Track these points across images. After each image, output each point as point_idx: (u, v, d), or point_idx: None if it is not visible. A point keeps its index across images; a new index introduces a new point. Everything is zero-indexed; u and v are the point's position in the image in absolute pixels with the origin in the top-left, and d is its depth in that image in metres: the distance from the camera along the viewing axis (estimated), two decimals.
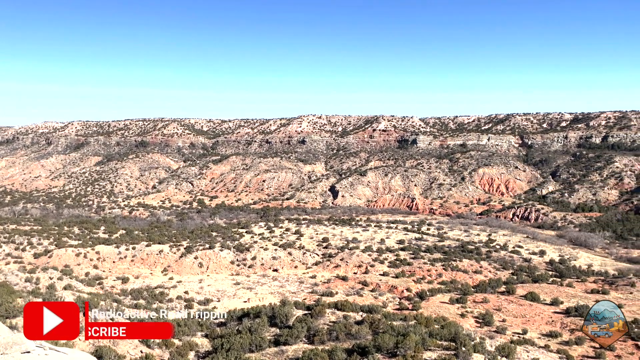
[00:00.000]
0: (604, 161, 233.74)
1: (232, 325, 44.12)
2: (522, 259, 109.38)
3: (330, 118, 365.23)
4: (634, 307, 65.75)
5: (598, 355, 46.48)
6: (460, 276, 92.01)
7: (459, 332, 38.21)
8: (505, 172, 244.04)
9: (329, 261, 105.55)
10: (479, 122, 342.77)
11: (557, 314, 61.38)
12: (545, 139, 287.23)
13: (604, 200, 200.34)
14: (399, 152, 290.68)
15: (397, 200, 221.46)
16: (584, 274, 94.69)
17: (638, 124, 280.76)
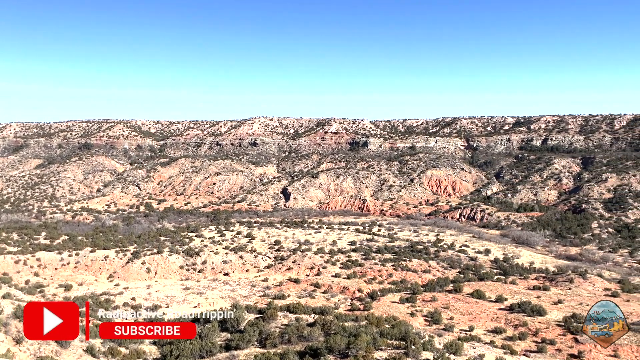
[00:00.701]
0: (544, 163, 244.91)
1: None
2: (468, 257, 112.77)
3: (282, 120, 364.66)
4: (573, 302, 69.07)
5: (540, 349, 48.49)
6: (410, 276, 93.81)
7: (408, 331, 38.94)
8: (452, 173, 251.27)
9: (281, 264, 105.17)
10: (427, 125, 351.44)
11: (501, 310, 63.60)
12: (490, 142, 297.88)
13: (544, 200, 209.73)
14: (350, 155, 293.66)
15: (349, 202, 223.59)
16: (527, 271, 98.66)
17: (575, 127, 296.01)
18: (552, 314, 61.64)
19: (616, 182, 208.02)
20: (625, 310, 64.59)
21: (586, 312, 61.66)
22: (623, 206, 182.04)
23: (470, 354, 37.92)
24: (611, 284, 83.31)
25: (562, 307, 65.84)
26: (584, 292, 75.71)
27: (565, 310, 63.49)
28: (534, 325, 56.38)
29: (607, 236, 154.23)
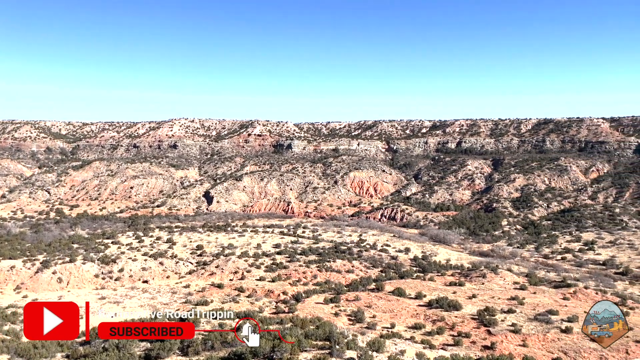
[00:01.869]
0: (459, 164, 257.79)
1: (97, 343, 40.86)
2: (390, 256, 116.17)
3: (203, 122, 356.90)
4: (486, 297, 73.12)
5: (456, 342, 50.85)
6: (334, 276, 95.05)
7: (333, 331, 39.35)
8: (374, 175, 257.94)
9: (204, 269, 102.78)
10: (349, 128, 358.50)
11: (421, 306, 66.05)
12: (409, 145, 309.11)
13: (459, 200, 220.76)
14: (274, 157, 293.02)
15: (274, 204, 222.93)
16: (444, 268, 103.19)
17: (486, 130, 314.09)
18: (467, 308, 64.86)
19: (523, 182, 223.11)
20: (532, 302, 69.46)
21: (498, 305, 65.60)
22: (529, 204, 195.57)
23: (392, 351, 38.96)
24: (520, 277, 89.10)
25: (476, 301, 69.48)
26: (496, 287, 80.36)
27: (479, 304, 67.07)
28: (450, 320, 59.00)
29: (515, 233, 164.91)
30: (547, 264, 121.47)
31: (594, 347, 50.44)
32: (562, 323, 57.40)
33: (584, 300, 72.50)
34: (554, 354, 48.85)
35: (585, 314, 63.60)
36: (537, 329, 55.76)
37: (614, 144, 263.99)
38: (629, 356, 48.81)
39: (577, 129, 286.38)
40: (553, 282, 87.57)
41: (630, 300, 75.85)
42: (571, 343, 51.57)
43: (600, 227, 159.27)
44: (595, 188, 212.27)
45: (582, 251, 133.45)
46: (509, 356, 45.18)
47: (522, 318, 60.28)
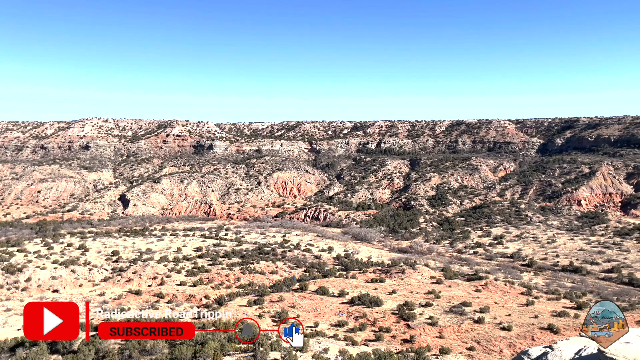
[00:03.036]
0: (379, 164, 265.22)
1: (2, 358, 37.85)
2: (313, 256, 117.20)
3: (118, 122, 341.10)
4: (405, 292, 75.78)
5: (378, 337, 52.26)
6: (258, 278, 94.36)
7: (255, 333, 39.03)
8: (297, 175, 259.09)
9: (120, 276, 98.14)
10: (272, 129, 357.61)
11: (343, 304, 67.23)
12: (331, 145, 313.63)
13: (379, 199, 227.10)
14: (195, 158, 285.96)
15: (194, 206, 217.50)
16: (365, 265, 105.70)
17: (404, 131, 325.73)
18: (387, 303, 66.83)
19: (438, 181, 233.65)
20: (447, 295, 72.83)
21: (416, 300, 68.20)
22: (444, 202, 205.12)
23: (315, 349, 39.34)
24: (436, 272, 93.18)
25: (396, 296, 71.80)
26: (414, 282, 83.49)
27: (399, 299, 69.37)
28: (372, 316, 60.53)
29: (432, 229, 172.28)
30: (460, 258, 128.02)
31: (503, 335, 53.81)
32: (475, 314, 60.72)
33: (494, 292, 77.18)
34: (468, 344, 51.56)
35: (495, 304, 67.70)
36: (453, 321, 58.60)
37: (519, 144, 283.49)
38: (535, 342, 52.50)
39: (486, 130, 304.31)
40: (466, 275, 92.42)
41: (535, 290, 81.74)
42: (483, 332, 54.68)
43: (508, 222, 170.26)
44: (503, 186, 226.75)
45: (492, 245, 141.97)
46: (427, 348, 47.12)
47: (439, 311, 63.09)
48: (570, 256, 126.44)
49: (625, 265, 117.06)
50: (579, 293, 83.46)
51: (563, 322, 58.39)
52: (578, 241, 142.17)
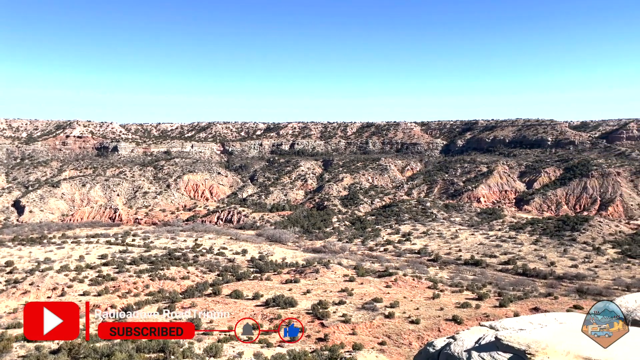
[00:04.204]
0: (292, 166, 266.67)
1: None
2: (227, 259, 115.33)
3: (11, 122, 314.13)
4: (319, 291, 76.76)
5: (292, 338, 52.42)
6: (168, 284, 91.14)
7: (167, 341, 37.69)
8: (209, 178, 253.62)
9: (15, 287, 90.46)
10: (182, 130, 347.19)
11: (258, 307, 66.79)
12: (244, 146, 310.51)
13: (293, 200, 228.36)
14: (98, 160, 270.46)
15: (98, 212, 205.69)
16: (280, 266, 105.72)
17: (316, 133, 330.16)
18: (302, 303, 67.32)
19: (350, 181, 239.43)
20: (360, 292, 74.73)
21: (330, 298, 69.29)
22: (356, 201, 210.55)
23: (229, 354, 38.73)
24: (349, 270, 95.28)
25: (310, 296, 72.54)
26: (328, 280, 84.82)
27: (313, 298, 70.15)
28: (287, 317, 60.65)
29: (344, 228, 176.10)
30: (372, 255, 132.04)
31: (412, 329, 56.17)
32: (385, 309, 62.84)
33: (403, 287, 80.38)
34: (380, 339, 53.25)
35: (404, 299, 70.47)
36: (365, 317, 60.25)
37: (425, 145, 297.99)
38: (441, 333, 55.28)
39: (394, 132, 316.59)
40: (377, 272, 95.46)
41: (440, 283, 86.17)
42: (393, 327, 56.73)
43: (415, 219, 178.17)
44: (411, 185, 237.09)
45: (401, 242, 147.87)
46: (341, 345, 48.05)
47: (352, 308, 64.58)
48: (472, 250, 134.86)
49: (519, 257, 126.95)
50: (480, 285, 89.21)
51: (466, 313, 62.06)
52: (478, 236, 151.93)
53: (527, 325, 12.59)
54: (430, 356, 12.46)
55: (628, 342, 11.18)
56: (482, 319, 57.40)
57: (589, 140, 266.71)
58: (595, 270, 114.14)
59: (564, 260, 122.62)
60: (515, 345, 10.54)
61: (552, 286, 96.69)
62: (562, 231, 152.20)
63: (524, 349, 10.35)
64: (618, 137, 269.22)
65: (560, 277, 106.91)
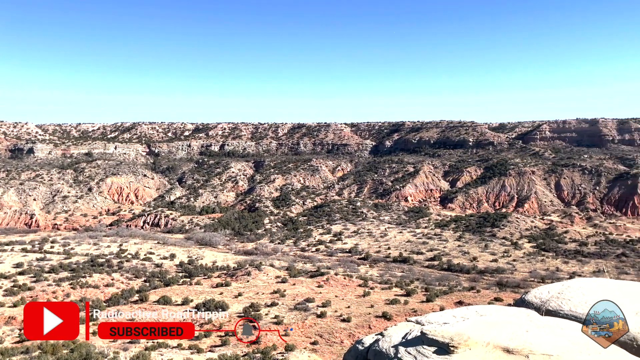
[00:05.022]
0: (223, 167, 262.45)
1: None
2: (154, 265, 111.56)
3: None
4: (251, 293, 76.05)
5: (224, 342, 51.62)
6: (91, 292, 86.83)
7: (90, 351, 36.01)
8: (134, 180, 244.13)
9: None
10: (104, 130, 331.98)
11: (188, 312, 65.11)
12: (171, 148, 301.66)
13: (224, 202, 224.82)
14: (12, 163, 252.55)
15: (13, 218, 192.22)
16: (210, 270, 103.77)
17: (247, 134, 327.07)
18: (234, 307, 66.44)
19: (282, 182, 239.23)
20: (292, 292, 74.85)
21: (262, 300, 68.87)
22: (288, 202, 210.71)
23: None
24: (281, 271, 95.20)
25: (242, 299, 71.74)
26: (260, 283, 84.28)
27: (245, 301, 69.43)
28: (218, 321, 59.64)
29: (276, 230, 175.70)
30: (304, 256, 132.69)
31: (344, 327, 56.99)
32: (318, 309, 63.36)
33: (335, 286, 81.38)
34: (312, 338, 53.59)
35: (336, 298, 71.36)
36: (297, 318, 60.42)
37: (355, 146, 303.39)
38: (371, 330, 56.47)
39: (325, 133, 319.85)
40: (310, 272, 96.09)
41: (370, 281, 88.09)
42: (325, 326, 57.30)
43: (346, 219, 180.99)
44: (341, 185, 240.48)
45: (333, 242, 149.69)
46: (273, 347, 47.88)
47: (284, 309, 64.54)
48: (400, 248, 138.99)
49: (444, 253, 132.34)
50: (408, 281, 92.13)
51: (395, 309, 63.83)
52: (406, 234, 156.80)
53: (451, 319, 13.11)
54: (359, 353, 12.67)
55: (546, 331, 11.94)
56: (410, 314, 59.26)
57: (506, 141, 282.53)
58: (514, 263, 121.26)
59: (485, 255, 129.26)
60: (439, 339, 10.95)
61: (475, 280, 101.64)
62: (483, 227, 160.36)
63: (447, 342, 10.78)
64: (532, 138, 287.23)
65: (482, 271, 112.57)
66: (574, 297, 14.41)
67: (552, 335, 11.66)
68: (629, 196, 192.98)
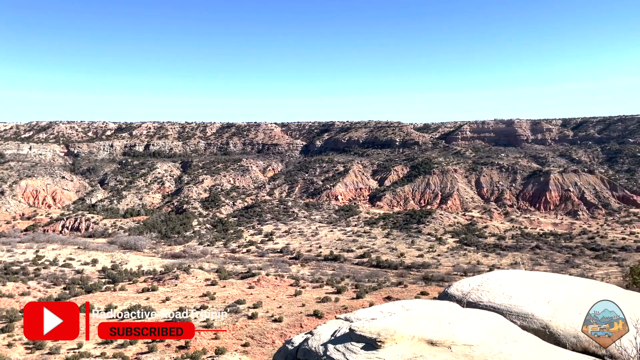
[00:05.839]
0: (148, 168, 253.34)
1: None
2: (74, 271, 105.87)
3: None
4: (179, 297, 74.06)
5: (151, 349, 49.90)
6: (5, 302, 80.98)
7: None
8: (51, 183, 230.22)
9: None
10: (18, 130, 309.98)
11: (112, 319, 62.36)
12: (92, 148, 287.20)
13: (149, 204, 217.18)
14: None
15: None
16: (136, 275, 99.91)
17: (174, 133, 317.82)
18: (161, 312, 64.24)
19: (211, 183, 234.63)
20: (222, 295, 73.69)
21: (191, 304, 67.24)
22: (217, 203, 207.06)
23: None
24: (211, 274, 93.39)
25: (170, 303, 69.68)
26: (189, 286, 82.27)
27: (173, 306, 67.50)
28: None
29: (206, 231, 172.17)
30: (235, 257, 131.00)
31: (275, 327, 56.84)
32: (249, 310, 62.79)
33: (266, 286, 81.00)
34: (243, 340, 53.02)
35: (267, 298, 71.06)
36: (228, 320, 59.54)
37: (285, 146, 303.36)
38: (303, 329, 56.71)
39: (255, 133, 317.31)
40: (240, 273, 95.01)
41: (302, 280, 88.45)
42: (257, 327, 56.88)
43: (278, 219, 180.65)
44: (272, 185, 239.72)
45: (264, 242, 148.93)
46: (203, 351, 46.91)
47: (214, 312, 63.33)
48: (331, 246, 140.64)
49: (373, 250, 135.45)
50: (339, 279, 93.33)
51: (326, 307, 64.49)
52: (337, 232, 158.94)
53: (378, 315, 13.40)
54: (289, 353, 12.65)
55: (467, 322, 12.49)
56: (341, 311, 60.12)
57: (430, 141, 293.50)
58: (438, 258, 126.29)
59: (412, 251, 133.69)
60: (367, 335, 11.16)
61: (402, 275, 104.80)
62: (409, 224, 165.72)
63: (374, 337, 11.00)
64: (455, 137, 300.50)
65: (409, 267, 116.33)
66: (493, 288, 15.18)
67: (473, 326, 12.23)
68: (541, 192, 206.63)
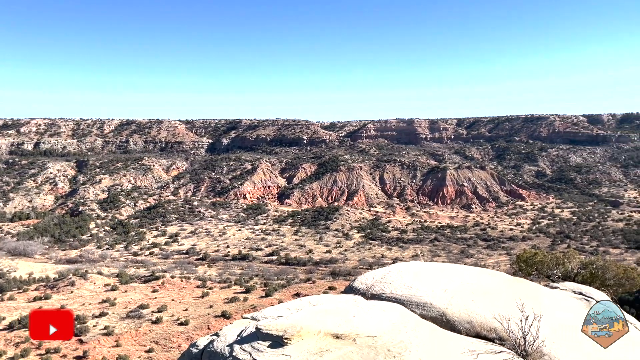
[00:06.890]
0: (38, 167, 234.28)
1: None
2: None
3: None
4: (76, 305, 69.39)
5: None
6: None
7: None
8: None
9: None
10: None
11: (1, 331, 57.19)
12: None
13: (40, 206, 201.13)
14: None
15: None
16: (26, 283, 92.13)
17: (67, 131, 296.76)
18: None
19: (110, 183, 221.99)
20: (123, 300, 70.20)
21: (89, 311, 63.26)
22: (117, 204, 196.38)
23: None
24: (111, 279, 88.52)
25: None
26: (86, 293, 77.43)
27: None
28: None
29: (104, 234, 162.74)
30: (137, 260, 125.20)
31: (181, 330, 55.16)
32: (152, 315, 60.32)
33: (171, 289, 78.33)
34: (147, 346, 50.85)
35: (172, 301, 68.75)
36: (130, 326, 56.78)
37: (190, 143, 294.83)
38: (210, 331, 55.52)
39: (157, 130, 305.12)
40: (143, 277, 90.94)
41: (209, 281, 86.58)
42: (161, 332, 54.83)
43: (183, 219, 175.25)
44: (177, 184, 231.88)
45: (168, 244, 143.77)
46: None
47: (115, 319, 60.16)
48: (239, 245, 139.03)
49: (282, 247, 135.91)
50: (247, 278, 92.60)
51: (235, 307, 63.67)
52: (245, 231, 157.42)
53: (285, 312, 13.43)
54: (193, 356, 12.29)
55: (370, 314, 12.89)
56: (250, 310, 59.68)
57: (337, 139, 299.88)
58: (345, 253, 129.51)
59: (320, 247, 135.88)
60: (273, 333, 11.13)
61: (311, 272, 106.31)
62: (318, 221, 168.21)
63: (281, 335, 11.00)
64: (360, 136, 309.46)
65: (318, 263, 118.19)
66: (394, 280, 15.82)
67: (376, 318, 12.65)
68: (439, 187, 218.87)
